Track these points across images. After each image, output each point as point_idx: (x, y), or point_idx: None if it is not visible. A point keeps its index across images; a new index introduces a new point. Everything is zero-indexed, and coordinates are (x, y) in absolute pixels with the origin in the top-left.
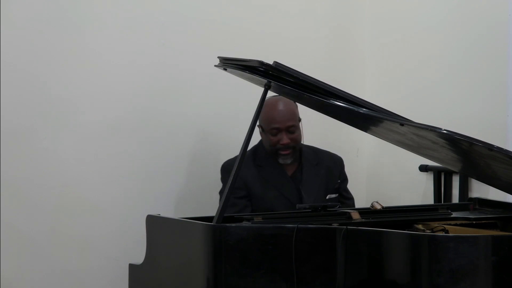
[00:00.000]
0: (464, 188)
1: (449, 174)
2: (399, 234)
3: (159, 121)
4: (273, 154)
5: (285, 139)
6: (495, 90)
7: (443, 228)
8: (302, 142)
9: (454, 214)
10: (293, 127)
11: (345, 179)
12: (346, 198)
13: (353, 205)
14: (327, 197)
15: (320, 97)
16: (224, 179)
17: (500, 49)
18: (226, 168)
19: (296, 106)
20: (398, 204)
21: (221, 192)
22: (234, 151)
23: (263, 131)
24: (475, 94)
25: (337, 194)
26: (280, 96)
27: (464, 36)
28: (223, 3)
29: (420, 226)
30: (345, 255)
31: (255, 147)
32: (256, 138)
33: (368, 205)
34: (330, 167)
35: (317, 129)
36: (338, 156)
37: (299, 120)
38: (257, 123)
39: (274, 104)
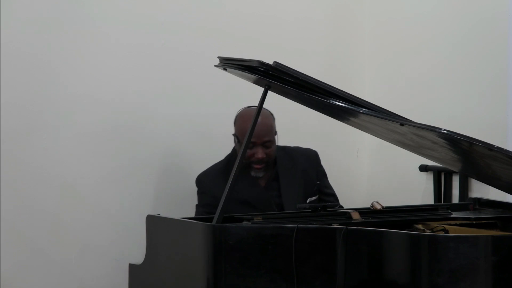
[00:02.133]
0: (464, 188)
1: (449, 174)
2: (399, 234)
3: (159, 120)
4: (246, 167)
5: (260, 153)
6: (495, 90)
7: (443, 228)
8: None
9: (454, 214)
10: (269, 142)
11: (323, 176)
12: (327, 195)
13: (337, 200)
14: (307, 201)
15: (320, 97)
16: (199, 191)
17: (500, 49)
18: (201, 180)
19: (274, 119)
20: (398, 204)
21: (197, 206)
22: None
23: (238, 142)
24: (475, 94)
25: (317, 196)
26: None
27: (464, 36)
28: (223, 3)
29: (420, 226)
30: (345, 255)
31: (228, 157)
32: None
33: (368, 205)
34: (306, 169)
35: (317, 129)
36: (312, 151)
37: (275, 133)
38: (233, 133)
39: (249, 118)
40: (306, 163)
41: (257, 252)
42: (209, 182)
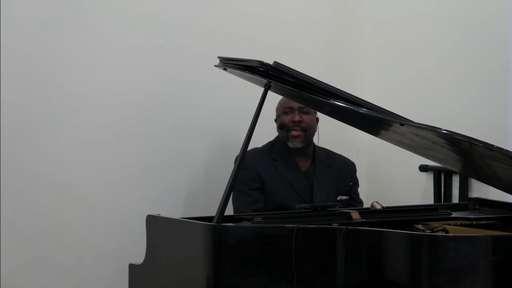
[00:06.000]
0: (464, 188)
1: (449, 174)
2: (399, 234)
3: (158, 120)
4: (285, 138)
5: (297, 116)
6: (495, 90)
7: (443, 228)
8: (317, 142)
9: (454, 214)
10: (306, 108)
11: (356, 183)
12: (356, 202)
13: None
14: (337, 198)
15: (320, 97)
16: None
17: (500, 49)
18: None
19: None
20: (398, 204)
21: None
22: (234, 151)
23: (278, 118)
24: (475, 94)
25: (348, 197)
26: None
27: (464, 36)
28: (223, 3)
29: (420, 226)
30: (345, 255)
31: (272, 142)
32: (257, 137)
33: (368, 205)
34: (342, 170)
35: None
36: (351, 161)
37: (316, 115)
38: (274, 118)
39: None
40: (343, 166)
41: (257, 252)
42: (251, 158)
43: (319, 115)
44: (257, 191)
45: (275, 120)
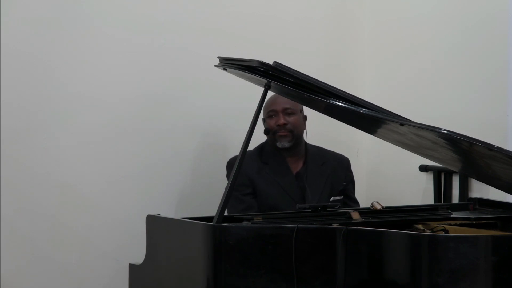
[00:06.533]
0: (464, 188)
1: (449, 174)
2: (399, 234)
3: (158, 120)
4: (273, 140)
5: (281, 119)
6: (495, 90)
7: (443, 228)
8: (306, 140)
9: (454, 214)
10: (289, 109)
11: (351, 181)
12: (352, 201)
13: None
14: (331, 199)
15: (320, 97)
16: (229, 175)
17: (500, 49)
18: (231, 164)
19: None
20: (398, 204)
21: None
22: (234, 151)
23: (264, 122)
24: (475, 93)
25: (342, 197)
26: None
27: (464, 36)
28: (223, 3)
29: (420, 226)
30: (345, 255)
31: (262, 144)
32: (256, 137)
33: (368, 205)
34: (336, 168)
35: (317, 129)
36: (345, 157)
37: (303, 114)
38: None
39: (274, 95)
40: (337, 164)
41: (257, 252)
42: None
43: (314, 113)
44: (249, 196)
45: (263, 122)
